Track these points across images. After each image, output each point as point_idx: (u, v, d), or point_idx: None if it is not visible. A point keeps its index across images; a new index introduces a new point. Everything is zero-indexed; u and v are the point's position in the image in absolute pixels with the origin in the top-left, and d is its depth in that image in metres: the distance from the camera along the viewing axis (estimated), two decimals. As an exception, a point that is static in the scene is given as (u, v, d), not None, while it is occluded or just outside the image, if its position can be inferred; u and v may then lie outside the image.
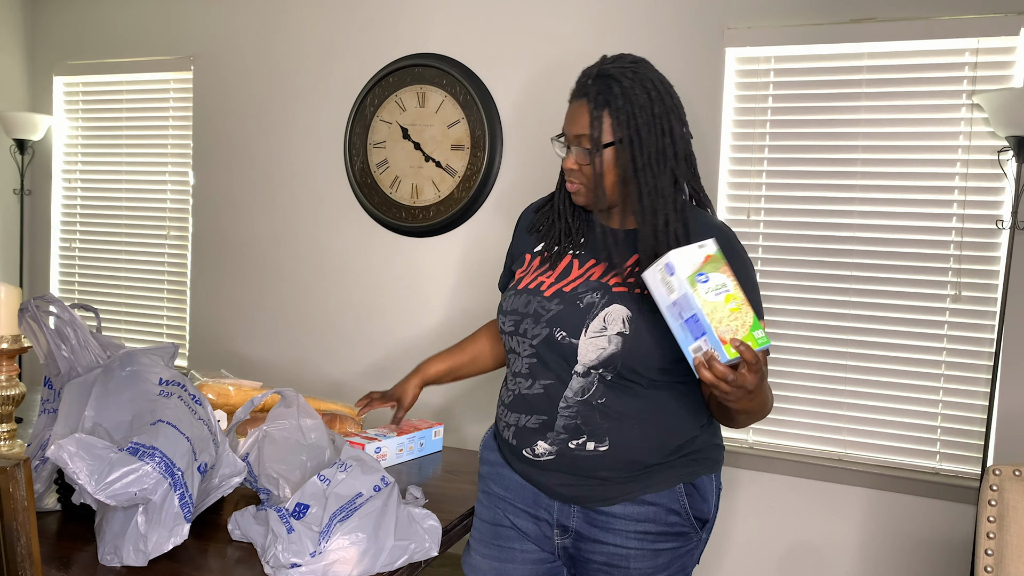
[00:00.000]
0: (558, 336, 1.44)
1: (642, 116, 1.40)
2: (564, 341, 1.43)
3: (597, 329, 1.41)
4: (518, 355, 1.51)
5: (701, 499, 1.48)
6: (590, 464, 1.44)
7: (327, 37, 3.39)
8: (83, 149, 3.97)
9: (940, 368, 2.59)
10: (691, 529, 1.48)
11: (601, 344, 1.41)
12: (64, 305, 1.59)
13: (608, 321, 1.41)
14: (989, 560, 1.53)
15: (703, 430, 1.51)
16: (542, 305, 1.47)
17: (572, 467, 1.45)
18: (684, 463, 1.47)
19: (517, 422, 1.50)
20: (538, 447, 1.47)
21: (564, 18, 3.00)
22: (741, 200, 2.80)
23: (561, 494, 1.48)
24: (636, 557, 1.45)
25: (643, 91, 1.41)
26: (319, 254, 3.44)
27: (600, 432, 1.43)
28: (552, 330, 1.45)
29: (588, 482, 1.45)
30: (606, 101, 1.41)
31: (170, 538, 1.32)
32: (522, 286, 1.53)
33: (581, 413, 1.43)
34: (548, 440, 1.46)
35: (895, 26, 2.56)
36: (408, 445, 1.98)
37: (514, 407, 1.51)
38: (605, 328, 1.41)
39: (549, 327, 1.45)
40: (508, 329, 1.52)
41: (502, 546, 1.56)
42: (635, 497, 1.45)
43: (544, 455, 1.47)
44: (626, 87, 1.40)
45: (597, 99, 1.41)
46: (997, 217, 2.51)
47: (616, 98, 1.40)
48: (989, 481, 1.55)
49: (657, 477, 1.45)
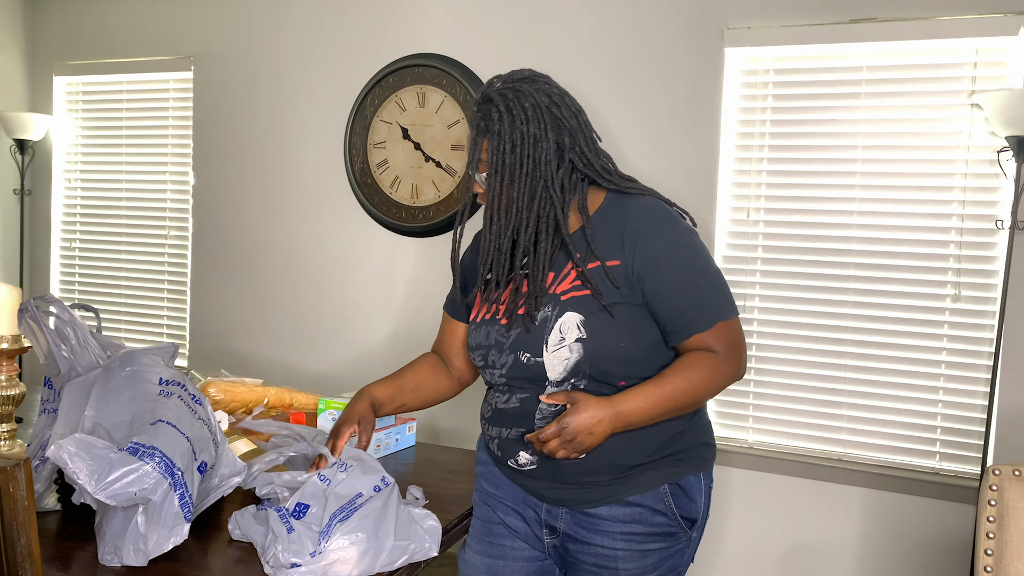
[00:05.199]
0: (523, 359, 1.44)
1: (510, 135, 1.41)
2: (530, 362, 1.43)
3: (556, 342, 1.41)
4: (493, 383, 1.53)
5: (688, 499, 1.47)
6: (571, 471, 1.44)
7: (327, 37, 3.39)
8: (83, 149, 3.97)
9: (940, 368, 2.59)
10: (679, 529, 1.47)
11: (564, 355, 1.41)
12: (64, 305, 1.59)
13: (564, 331, 1.41)
14: (989, 560, 1.53)
15: (690, 427, 1.50)
16: (500, 333, 1.48)
17: (554, 474, 1.46)
18: (669, 463, 1.46)
19: (499, 435, 1.52)
20: (520, 457, 1.48)
21: (564, 18, 3.00)
22: (741, 200, 2.80)
23: (548, 497, 1.49)
24: (624, 558, 1.45)
25: (518, 100, 1.42)
26: (319, 254, 3.44)
27: None
28: (516, 354, 1.45)
29: (571, 487, 1.46)
30: (485, 125, 1.43)
31: (170, 538, 1.32)
32: (479, 319, 1.53)
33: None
34: (529, 450, 1.47)
35: (895, 26, 2.56)
36: (384, 441, 2.01)
37: (494, 421, 1.53)
38: (563, 338, 1.41)
39: (513, 352, 1.45)
40: (479, 364, 1.54)
41: (493, 543, 1.57)
42: (620, 498, 1.45)
43: (527, 464, 1.48)
44: (502, 108, 1.42)
45: (479, 125, 1.44)
46: (997, 217, 2.51)
47: (491, 115, 1.43)
48: (989, 481, 1.55)
49: (641, 478, 1.44)
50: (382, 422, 2.06)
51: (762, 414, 2.80)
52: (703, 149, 2.80)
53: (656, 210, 1.44)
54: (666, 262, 1.40)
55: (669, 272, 1.40)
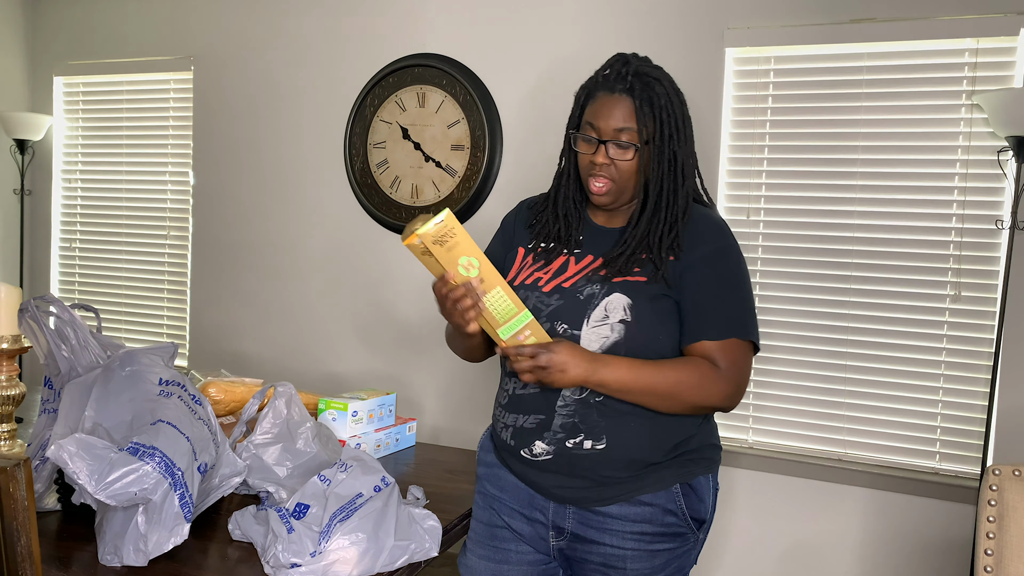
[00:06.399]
0: (559, 329, 1.44)
1: (675, 122, 1.44)
2: (566, 334, 1.43)
3: (599, 318, 1.42)
4: None
5: (698, 499, 1.48)
6: (588, 463, 1.43)
7: (327, 37, 3.39)
8: (83, 149, 3.97)
9: (940, 368, 2.59)
10: (688, 530, 1.47)
11: (604, 332, 1.41)
12: (64, 305, 1.59)
13: (609, 309, 1.42)
14: (989, 560, 1.53)
15: (700, 429, 1.50)
16: (541, 300, 1.47)
17: (570, 467, 1.45)
18: (681, 463, 1.47)
19: (515, 423, 1.49)
20: (536, 447, 1.47)
21: (564, 18, 3.00)
22: (741, 200, 2.80)
23: (557, 495, 1.48)
24: (633, 558, 1.45)
25: (676, 97, 1.45)
26: (319, 254, 3.44)
27: (598, 430, 1.43)
28: (552, 324, 1.44)
29: (585, 482, 1.45)
30: (650, 99, 1.43)
31: (170, 538, 1.32)
32: (518, 282, 1.52)
33: (579, 412, 1.43)
34: (546, 440, 1.45)
35: (895, 26, 2.56)
36: (384, 441, 2.04)
37: (511, 407, 1.50)
38: (607, 316, 1.41)
39: (549, 321, 1.45)
40: None
41: (497, 547, 1.56)
42: (631, 497, 1.44)
43: (542, 455, 1.46)
44: (666, 89, 1.44)
45: (643, 96, 1.42)
46: (997, 217, 2.51)
47: (659, 97, 1.43)
48: (989, 481, 1.55)
49: (654, 477, 1.45)
50: (382, 422, 2.06)
51: (762, 414, 2.80)
52: (703, 149, 2.80)
53: (719, 221, 1.50)
54: (709, 265, 1.44)
55: (708, 274, 1.44)
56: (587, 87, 1.50)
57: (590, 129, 1.45)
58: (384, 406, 2.07)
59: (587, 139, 1.46)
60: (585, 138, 1.46)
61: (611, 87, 1.44)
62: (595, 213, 1.55)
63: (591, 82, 1.49)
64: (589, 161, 1.46)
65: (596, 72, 1.50)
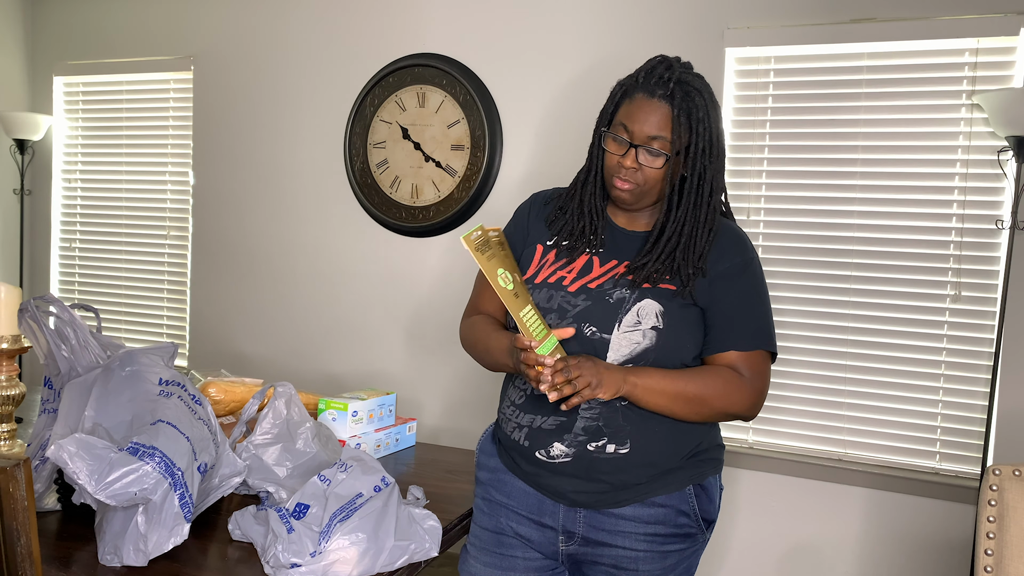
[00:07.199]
0: (587, 332, 1.41)
1: (710, 135, 1.42)
2: (594, 337, 1.40)
3: (631, 323, 1.40)
4: None
5: (708, 499, 1.48)
6: (609, 467, 1.42)
7: (327, 37, 3.39)
8: (83, 149, 3.97)
9: (940, 368, 2.59)
10: (698, 530, 1.47)
11: (635, 339, 1.39)
12: (64, 305, 1.59)
13: (642, 315, 1.40)
14: (989, 560, 1.53)
15: (708, 430, 1.51)
16: (567, 300, 1.43)
17: (589, 470, 1.42)
18: (693, 464, 1.47)
19: (531, 423, 1.46)
20: (554, 449, 1.43)
21: (564, 18, 3.00)
22: (741, 200, 2.80)
23: (570, 498, 1.45)
24: (645, 559, 1.44)
25: (715, 111, 1.44)
26: (319, 254, 3.44)
27: (622, 434, 1.41)
28: (580, 326, 1.41)
29: (602, 486, 1.43)
30: (688, 110, 1.40)
31: (170, 538, 1.32)
32: (540, 279, 1.48)
33: (603, 415, 1.41)
34: (565, 442, 1.42)
35: (895, 26, 2.56)
36: (385, 441, 2.05)
37: (528, 408, 1.47)
38: (639, 322, 1.40)
39: (577, 323, 1.41)
40: None
41: (504, 554, 1.53)
42: (645, 499, 1.43)
43: (560, 457, 1.43)
44: (706, 101, 1.42)
45: (682, 105, 1.40)
46: (997, 217, 2.51)
47: (698, 109, 1.41)
48: (989, 481, 1.55)
49: (669, 479, 1.44)
50: (382, 422, 2.06)
51: (762, 414, 2.80)
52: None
53: (741, 235, 1.51)
54: (738, 277, 1.45)
55: (739, 285, 1.44)
56: (625, 85, 1.45)
57: (622, 130, 1.42)
58: (384, 406, 2.07)
59: (618, 140, 1.43)
60: (616, 138, 1.43)
61: (651, 90, 1.40)
62: (615, 213, 1.53)
63: (630, 81, 1.45)
64: (617, 162, 1.43)
65: (636, 71, 1.45)
